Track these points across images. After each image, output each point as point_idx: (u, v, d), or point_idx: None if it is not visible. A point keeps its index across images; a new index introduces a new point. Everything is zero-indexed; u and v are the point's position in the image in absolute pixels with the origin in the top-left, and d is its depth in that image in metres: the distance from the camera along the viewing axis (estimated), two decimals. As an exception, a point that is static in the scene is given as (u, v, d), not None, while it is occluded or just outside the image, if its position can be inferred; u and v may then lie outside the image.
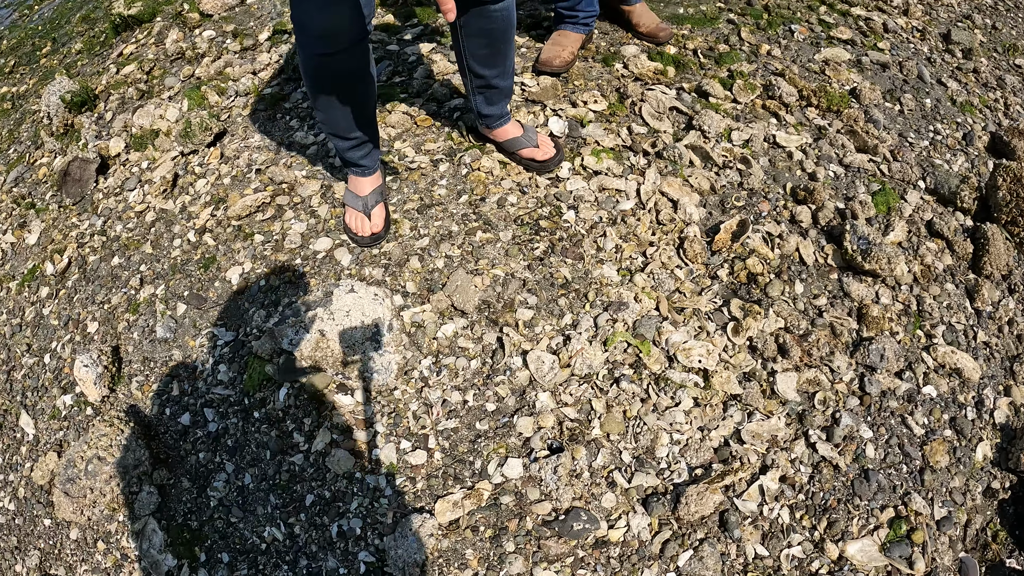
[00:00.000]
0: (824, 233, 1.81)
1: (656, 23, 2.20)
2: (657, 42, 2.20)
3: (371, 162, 1.67)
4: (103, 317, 1.84)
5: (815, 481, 1.45)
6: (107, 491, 1.55)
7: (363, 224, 1.69)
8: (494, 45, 1.58)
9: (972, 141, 2.10)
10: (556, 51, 2.07)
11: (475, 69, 1.64)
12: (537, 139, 1.83)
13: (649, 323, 1.57)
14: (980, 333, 1.72)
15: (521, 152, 1.83)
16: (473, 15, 1.49)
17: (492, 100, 1.73)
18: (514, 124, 1.83)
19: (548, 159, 1.82)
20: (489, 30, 1.53)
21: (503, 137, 1.82)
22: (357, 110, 1.53)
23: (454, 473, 1.42)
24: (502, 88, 1.70)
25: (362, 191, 1.69)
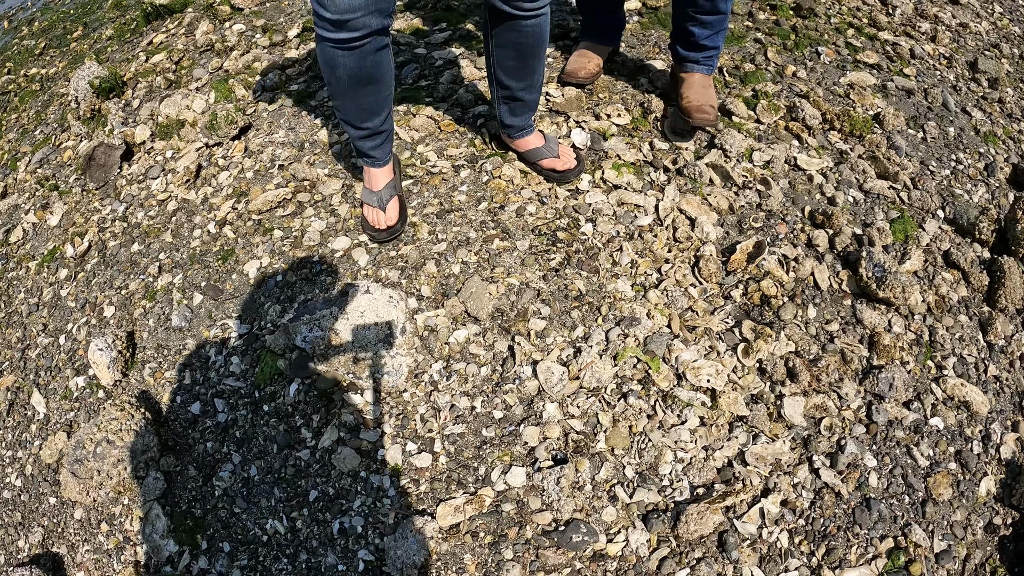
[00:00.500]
0: (840, 258, 1.80)
1: (701, 103, 1.90)
2: (692, 123, 1.91)
3: (382, 154, 1.68)
4: (120, 302, 1.87)
5: (816, 507, 1.45)
6: (114, 474, 1.58)
7: (379, 218, 1.70)
8: (523, 58, 1.58)
9: (993, 172, 2.08)
10: (582, 63, 2.07)
11: (502, 80, 1.65)
12: (559, 150, 1.83)
13: (660, 340, 1.57)
14: (991, 367, 1.71)
15: (542, 162, 1.83)
16: (505, 27, 1.49)
17: (516, 111, 1.74)
18: (536, 135, 1.83)
19: (568, 169, 1.82)
20: (519, 43, 1.53)
21: (524, 147, 1.83)
22: (371, 105, 1.54)
23: (458, 478, 1.43)
24: (527, 101, 1.70)
25: (376, 185, 1.71)
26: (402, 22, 2.47)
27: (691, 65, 1.93)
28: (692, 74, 1.94)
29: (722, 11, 1.80)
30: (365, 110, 1.55)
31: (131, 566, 1.54)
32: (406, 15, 2.51)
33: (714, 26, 1.84)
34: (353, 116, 1.57)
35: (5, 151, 2.54)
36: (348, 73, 1.42)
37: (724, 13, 1.81)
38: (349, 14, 1.28)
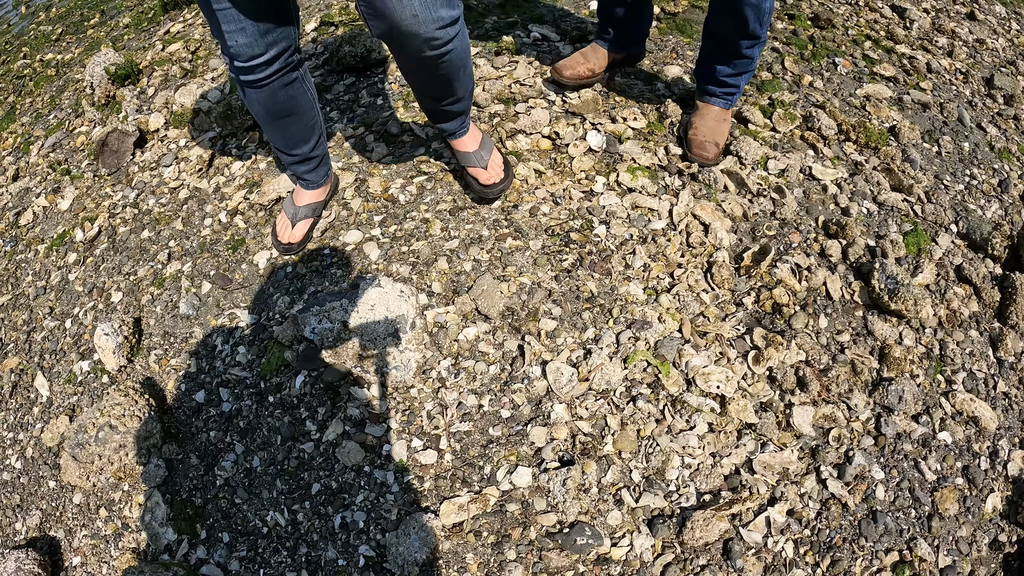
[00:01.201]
0: (853, 269, 1.79)
1: (706, 139, 1.87)
2: (690, 155, 1.89)
3: (316, 177, 1.69)
4: (128, 288, 1.86)
5: (822, 518, 1.44)
6: (115, 460, 1.57)
7: (285, 231, 1.72)
8: (440, 85, 1.44)
9: (1007, 188, 2.08)
10: (574, 63, 2.01)
11: (419, 94, 1.55)
12: (488, 160, 1.71)
13: (671, 344, 1.56)
14: (1001, 383, 1.70)
15: (467, 168, 1.72)
16: (411, 62, 1.34)
17: (447, 118, 1.63)
18: (472, 137, 1.70)
19: (489, 184, 1.70)
20: (432, 77, 1.39)
21: (456, 148, 1.72)
22: (296, 134, 1.55)
23: (463, 476, 1.42)
24: (455, 110, 1.58)
25: (299, 202, 1.73)
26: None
27: (709, 97, 1.90)
28: (709, 106, 1.90)
29: (748, 56, 1.76)
30: (290, 139, 1.57)
31: (129, 552, 1.53)
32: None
33: (738, 67, 1.80)
34: (281, 144, 1.60)
35: (18, 135, 2.55)
36: (264, 108, 1.46)
37: (751, 59, 1.78)
38: (251, 60, 1.33)
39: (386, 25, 1.18)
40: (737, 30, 1.68)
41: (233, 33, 1.27)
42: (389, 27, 1.18)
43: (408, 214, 1.78)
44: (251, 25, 1.27)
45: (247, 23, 1.26)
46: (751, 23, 1.64)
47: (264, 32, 1.30)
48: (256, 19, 1.27)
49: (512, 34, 2.31)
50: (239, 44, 1.29)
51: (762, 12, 1.62)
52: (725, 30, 1.71)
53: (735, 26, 1.67)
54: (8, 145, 2.52)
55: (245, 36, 1.28)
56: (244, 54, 1.31)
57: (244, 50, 1.31)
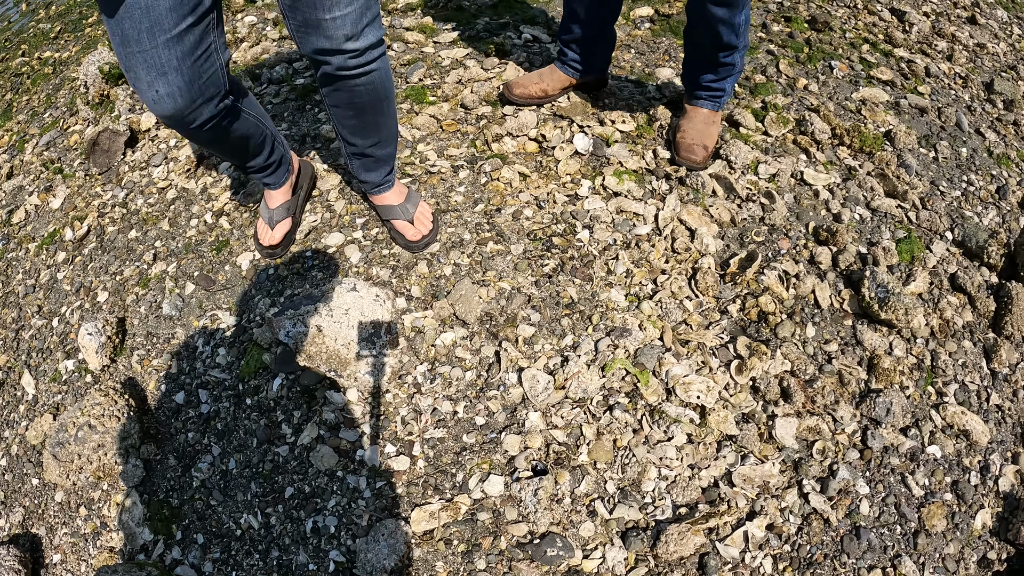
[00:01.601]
0: (843, 277, 1.76)
1: (694, 142, 1.85)
2: (676, 160, 1.88)
3: (276, 179, 1.65)
4: (114, 288, 1.87)
5: (803, 533, 1.40)
6: (94, 459, 1.57)
7: (265, 234, 1.71)
8: (363, 117, 1.40)
9: (1005, 195, 2.03)
10: (528, 81, 1.96)
11: (346, 138, 1.49)
12: (414, 214, 1.67)
13: (651, 353, 1.54)
14: (994, 395, 1.66)
15: (392, 222, 1.68)
16: (334, 87, 1.31)
17: (370, 167, 1.58)
18: (396, 191, 1.67)
19: (415, 240, 1.66)
20: (354, 103, 1.35)
21: (379, 203, 1.68)
22: (246, 152, 1.48)
23: (435, 483, 1.41)
24: (380, 156, 1.55)
25: (271, 204, 1.70)
26: (411, 20, 2.46)
27: (696, 100, 1.88)
28: (697, 108, 1.88)
29: (729, 63, 1.74)
30: (243, 157, 1.51)
31: (106, 551, 1.53)
32: (416, 13, 2.49)
33: (721, 73, 1.78)
34: (234, 161, 1.55)
35: (14, 132, 2.56)
36: (206, 143, 1.39)
37: (732, 64, 1.75)
38: (177, 117, 1.19)
39: (315, 39, 1.16)
40: (712, 42, 1.67)
41: (153, 81, 1.10)
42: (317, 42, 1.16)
43: (390, 217, 1.77)
44: (174, 72, 1.10)
45: (169, 70, 1.09)
46: (725, 36, 1.62)
47: (190, 81, 1.13)
48: (179, 64, 1.09)
49: (503, 35, 2.29)
50: (160, 95, 1.12)
51: (736, 25, 1.60)
52: (702, 40, 1.69)
53: (710, 38, 1.65)
54: (4, 143, 2.54)
55: (167, 85, 1.11)
56: (167, 106, 1.15)
57: (167, 102, 1.14)
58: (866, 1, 2.66)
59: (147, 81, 1.10)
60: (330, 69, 1.24)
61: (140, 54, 1.06)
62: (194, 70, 1.13)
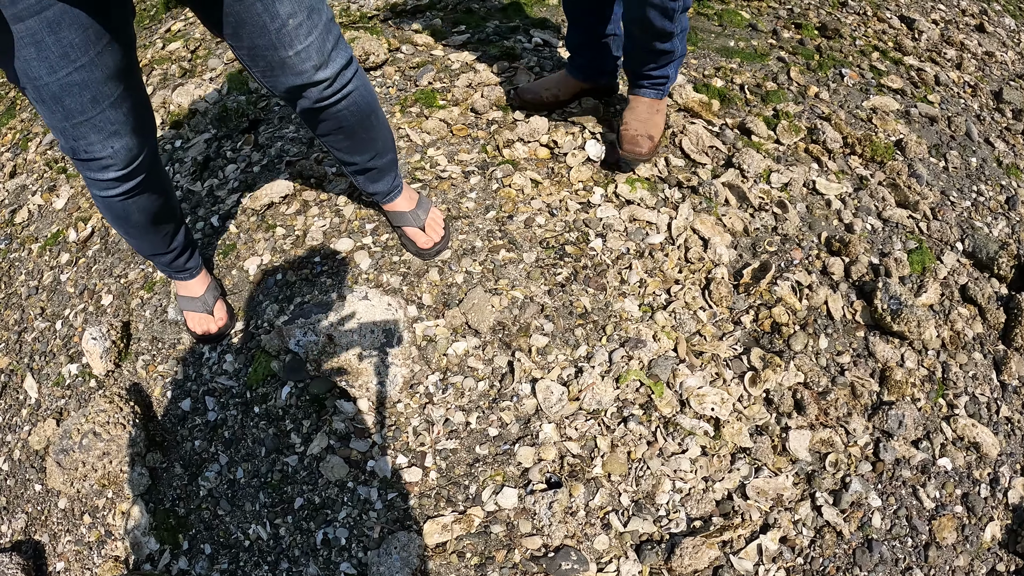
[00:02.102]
0: (855, 288, 1.75)
1: (638, 133, 1.75)
2: (620, 154, 1.80)
3: (195, 263, 1.61)
4: (118, 291, 1.84)
5: (816, 546, 1.40)
6: (99, 467, 1.55)
7: (207, 323, 1.61)
8: (355, 137, 1.35)
9: (1015, 206, 2.03)
10: (539, 88, 1.94)
11: (344, 159, 1.45)
12: (425, 220, 1.63)
13: (665, 364, 1.53)
14: (1004, 407, 1.66)
15: (404, 229, 1.65)
16: (318, 120, 1.27)
17: (375, 179, 1.54)
18: (406, 197, 1.64)
19: (426, 248, 1.64)
20: (342, 127, 1.31)
21: (390, 210, 1.65)
22: (170, 226, 1.43)
23: (447, 495, 1.39)
24: (382, 166, 1.50)
25: (196, 292, 1.62)
26: (421, 22, 2.44)
27: (638, 89, 1.78)
28: (639, 98, 1.79)
29: (667, 50, 1.65)
30: (166, 233, 1.45)
31: (111, 560, 1.51)
32: (425, 16, 2.47)
33: (661, 60, 1.69)
34: (159, 244, 1.48)
35: (18, 131, 2.53)
36: (146, 213, 1.34)
37: (671, 51, 1.66)
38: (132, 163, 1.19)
39: (285, 79, 1.14)
40: (644, 28, 1.58)
41: (108, 139, 1.11)
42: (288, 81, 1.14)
43: (401, 223, 1.75)
44: (122, 124, 1.11)
45: (118, 122, 1.10)
46: (657, 22, 1.53)
47: (137, 127, 1.14)
48: (127, 116, 1.11)
49: (513, 39, 2.28)
50: (116, 149, 1.13)
51: (669, 10, 1.50)
52: (635, 30, 1.62)
53: (641, 25, 1.57)
54: (7, 141, 2.50)
55: (120, 139, 1.12)
56: (123, 159, 1.15)
57: (123, 154, 1.14)
58: (876, 8, 2.66)
59: (100, 142, 1.11)
60: (308, 104, 1.21)
61: (88, 122, 1.06)
62: (139, 115, 1.14)
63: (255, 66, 1.15)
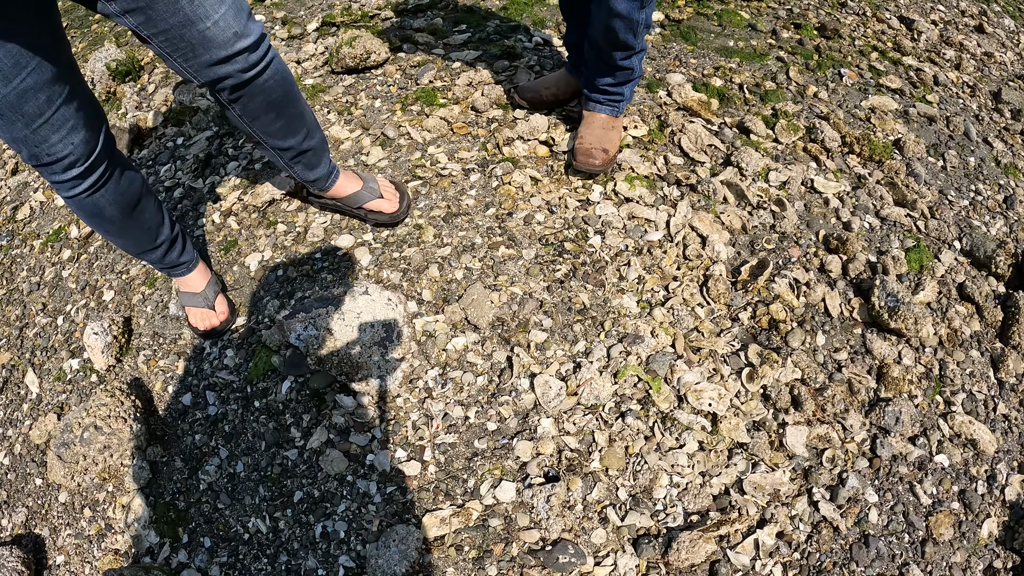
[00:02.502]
0: (853, 285, 1.76)
1: (592, 146, 1.77)
2: (575, 166, 1.81)
3: (189, 256, 1.59)
4: (120, 287, 1.85)
5: (813, 541, 1.41)
6: (99, 460, 1.56)
7: (209, 318, 1.61)
8: (284, 112, 1.34)
9: (1013, 205, 2.04)
10: (539, 86, 1.94)
11: (279, 145, 1.42)
12: (379, 188, 1.64)
13: (663, 360, 1.54)
14: (1001, 405, 1.66)
15: (367, 206, 1.65)
16: (245, 96, 1.25)
17: (313, 162, 1.53)
18: (349, 177, 1.63)
19: (396, 210, 1.66)
20: (271, 102, 1.29)
21: (342, 194, 1.64)
22: (152, 218, 1.42)
23: (446, 489, 1.40)
24: (316, 146, 1.49)
25: (196, 287, 1.62)
26: (422, 21, 2.45)
27: (594, 104, 1.81)
28: (595, 114, 1.82)
29: (627, 67, 1.68)
30: (150, 226, 1.45)
31: (111, 553, 1.52)
32: (426, 15, 2.49)
33: (618, 77, 1.72)
34: (144, 241, 1.47)
35: (18, 128, 2.54)
36: (117, 205, 1.32)
37: (631, 69, 1.69)
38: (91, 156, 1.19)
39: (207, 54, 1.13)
40: (609, 41, 1.59)
41: (67, 136, 1.11)
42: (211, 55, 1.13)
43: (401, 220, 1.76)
44: (76, 118, 1.11)
45: (73, 117, 1.11)
46: (621, 33, 1.55)
47: (89, 118, 1.14)
48: (79, 109, 1.11)
49: (514, 38, 2.29)
50: (76, 144, 1.13)
51: (634, 23, 1.53)
52: (598, 40, 1.62)
53: (606, 37, 1.58)
54: (8, 139, 2.52)
55: (77, 132, 1.12)
56: (83, 152, 1.15)
57: (82, 148, 1.14)
58: (875, 9, 2.67)
59: (60, 141, 1.12)
60: (235, 80, 1.20)
61: (47, 124, 1.08)
62: (89, 107, 1.15)
63: (176, 52, 1.13)
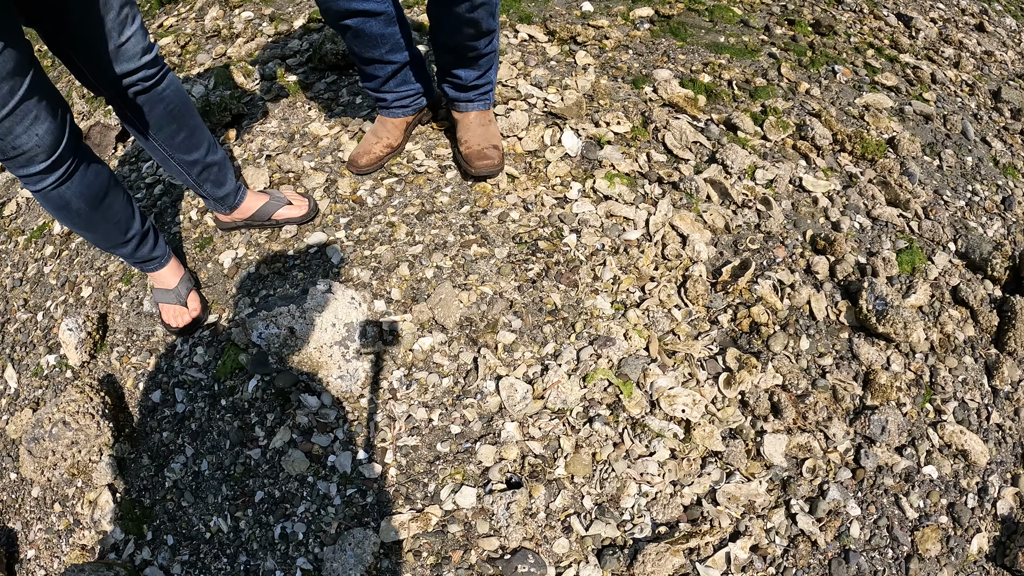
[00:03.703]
0: (840, 288, 1.70)
1: (481, 147, 1.70)
2: (470, 174, 1.73)
3: (161, 252, 1.58)
4: (98, 283, 1.85)
5: (789, 555, 1.35)
6: (68, 456, 1.55)
7: (181, 315, 1.61)
8: (185, 122, 1.42)
9: (1011, 206, 1.96)
10: (368, 145, 1.79)
11: (184, 159, 1.48)
12: (287, 196, 1.72)
13: (635, 363, 1.49)
14: (995, 414, 1.59)
15: (276, 216, 1.70)
16: (146, 108, 1.33)
17: (220, 179, 1.58)
18: (253, 194, 1.70)
19: (306, 212, 1.71)
20: (172, 112, 1.38)
21: (251, 209, 1.68)
22: (121, 210, 1.42)
23: (406, 492, 1.37)
24: (219, 160, 1.55)
25: (170, 284, 1.61)
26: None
27: (464, 104, 1.73)
28: (467, 114, 1.75)
29: (490, 52, 1.60)
30: (119, 220, 1.44)
31: (78, 549, 1.51)
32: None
33: (483, 66, 1.64)
34: (114, 235, 1.46)
35: (11, 125, 2.56)
36: (84, 197, 1.32)
37: (493, 52, 1.62)
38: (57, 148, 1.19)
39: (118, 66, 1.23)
40: (475, 34, 1.52)
41: (31, 127, 1.11)
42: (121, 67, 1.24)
43: (374, 217, 1.74)
44: (40, 109, 1.12)
45: (37, 107, 1.11)
46: (484, 22, 1.48)
47: (52, 110, 1.15)
48: (41, 100, 1.12)
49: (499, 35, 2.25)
50: (41, 135, 1.13)
51: (493, 5, 1.46)
52: (462, 39, 1.53)
53: (473, 31, 1.51)
54: None
55: (41, 123, 1.13)
56: (48, 143, 1.15)
57: (47, 139, 1.15)
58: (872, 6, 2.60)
59: (25, 132, 1.12)
60: (138, 88, 1.30)
61: (11, 116, 1.08)
62: (52, 98, 1.16)
63: (89, 67, 1.23)
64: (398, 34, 1.58)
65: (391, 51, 1.59)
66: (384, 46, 1.57)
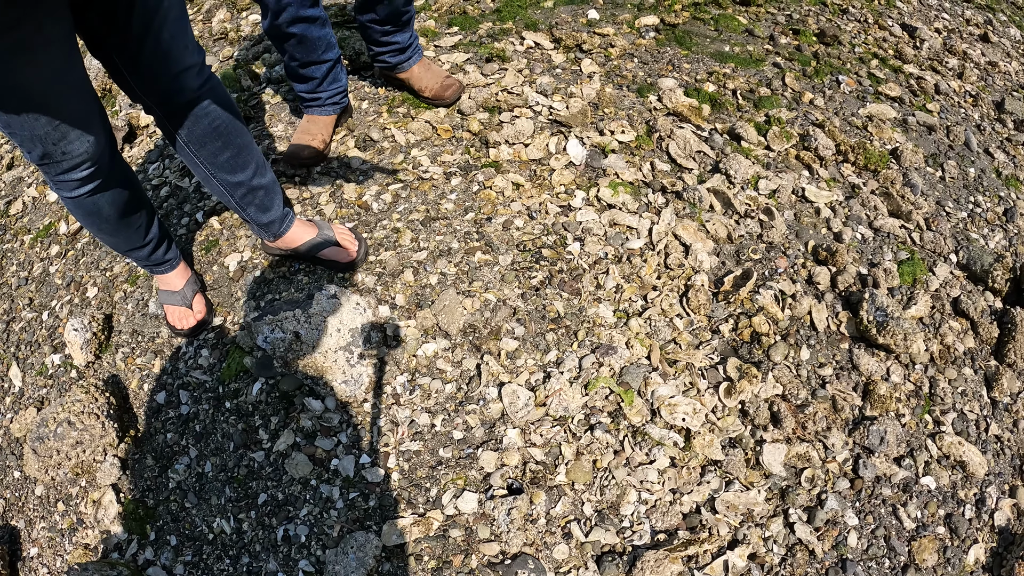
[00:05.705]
0: (841, 298, 1.71)
1: (439, 83, 1.96)
2: (445, 104, 1.99)
3: (173, 255, 1.59)
4: (103, 284, 1.86)
5: (787, 564, 1.36)
6: (72, 455, 1.56)
7: (186, 317, 1.60)
8: (231, 140, 1.33)
9: (1013, 218, 1.97)
10: (305, 139, 1.85)
11: (228, 180, 1.39)
12: (336, 234, 1.60)
13: (637, 372, 1.50)
14: (993, 425, 1.60)
15: (323, 255, 1.60)
16: (190, 122, 1.26)
17: (267, 204, 1.48)
18: (302, 225, 1.59)
19: (355, 256, 1.61)
20: (218, 128, 1.30)
21: (297, 242, 1.57)
22: (141, 219, 1.41)
23: (408, 497, 1.38)
24: (266, 184, 1.45)
25: (176, 286, 1.60)
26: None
27: (407, 63, 1.95)
28: (412, 69, 1.97)
29: (411, 9, 1.81)
30: (140, 226, 1.44)
31: (81, 548, 1.52)
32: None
33: (410, 26, 1.87)
34: (135, 238, 1.46)
35: (18, 124, 2.57)
36: (116, 206, 1.32)
37: (410, 9, 1.81)
38: (101, 156, 1.20)
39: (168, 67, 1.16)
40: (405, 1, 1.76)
41: (84, 133, 1.11)
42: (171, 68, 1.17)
43: (379, 222, 1.75)
44: (92, 115, 1.12)
45: (90, 113, 1.11)
46: None
47: (101, 115, 1.15)
48: (92, 105, 1.12)
49: (504, 41, 2.26)
50: (91, 142, 1.13)
51: None
52: (399, 4, 1.75)
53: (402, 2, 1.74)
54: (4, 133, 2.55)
55: (92, 130, 1.13)
56: (95, 151, 1.15)
57: (95, 147, 1.15)
58: (876, 16, 2.61)
59: (78, 139, 1.11)
60: (184, 98, 1.22)
61: (68, 119, 1.07)
62: (100, 105, 1.16)
63: (137, 70, 1.15)
64: (330, 33, 1.75)
65: (326, 50, 1.75)
66: (321, 47, 1.73)
